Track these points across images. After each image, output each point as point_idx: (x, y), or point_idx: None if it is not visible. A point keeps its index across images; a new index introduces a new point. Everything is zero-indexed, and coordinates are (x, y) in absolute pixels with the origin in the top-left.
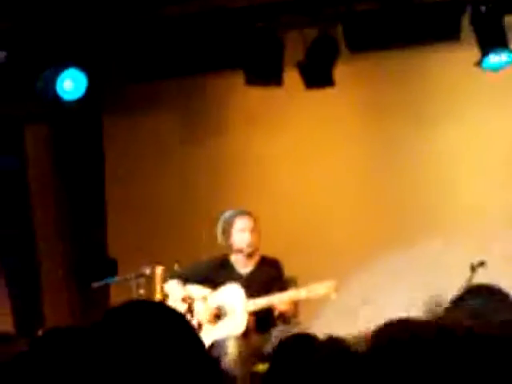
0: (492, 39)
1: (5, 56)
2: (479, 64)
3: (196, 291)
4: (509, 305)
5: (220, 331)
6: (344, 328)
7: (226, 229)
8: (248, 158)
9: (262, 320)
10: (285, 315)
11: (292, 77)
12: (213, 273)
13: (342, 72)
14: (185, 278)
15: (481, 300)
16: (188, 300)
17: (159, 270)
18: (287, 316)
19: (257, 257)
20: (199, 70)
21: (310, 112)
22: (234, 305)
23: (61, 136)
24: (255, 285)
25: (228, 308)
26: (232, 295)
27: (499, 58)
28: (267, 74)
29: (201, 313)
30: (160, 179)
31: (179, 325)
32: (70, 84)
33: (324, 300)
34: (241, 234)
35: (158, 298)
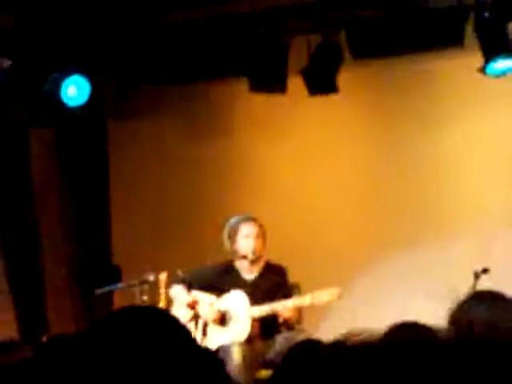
0: (495, 46)
1: (9, 64)
2: (482, 70)
3: (201, 297)
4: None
5: (224, 337)
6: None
7: (232, 235)
8: (252, 164)
9: (267, 326)
10: (289, 322)
11: (296, 83)
12: (217, 279)
13: (346, 78)
14: (188, 284)
15: (485, 306)
16: (193, 305)
17: (163, 277)
18: (291, 322)
19: (262, 263)
20: (203, 77)
21: (314, 118)
22: (239, 311)
23: (65, 140)
24: (260, 291)
25: (232, 314)
26: (236, 301)
27: (502, 65)
28: (271, 81)
29: (206, 314)
30: (164, 185)
31: (173, 328)
32: (74, 90)
33: (327, 305)
34: (245, 241)
35: (162, 305)
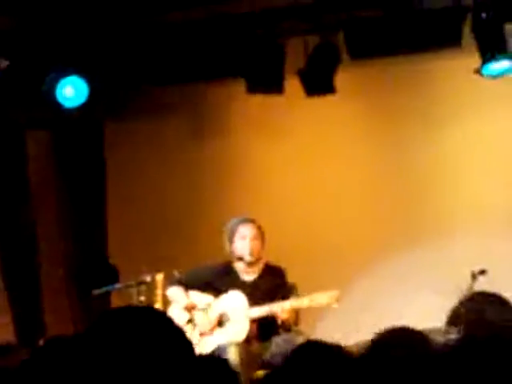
0: (493, 46)
1: (7, 65)
2: (479, 71)
3: (199, 298)
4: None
5: (222, 337)
6: (346, 335)
7: (230, 236)
8: (249, 165)
9: (265, 327)
10: (286, 323)
11: (293, 84)
12: (216, 279)
13: (343, 79)
14: (185, 284)
15: (483, 306)
16: (190, 309)
17: (160, 277)
18: (288, 324)
19: (261, 264)
20: (201, 78)
21: (311, 119)
22: (236, 312)
23: (62, 141)
24: (259, 293)
25: (230, 314)
26: (234, 302)
27: (500, 66)
28: (268, 82)
29: (202, 325)
30: (162, 185)
31: (168, 329)
32: (71, 91)
33: (325, 306)
34: (242, 242)
35: (159, 306)
